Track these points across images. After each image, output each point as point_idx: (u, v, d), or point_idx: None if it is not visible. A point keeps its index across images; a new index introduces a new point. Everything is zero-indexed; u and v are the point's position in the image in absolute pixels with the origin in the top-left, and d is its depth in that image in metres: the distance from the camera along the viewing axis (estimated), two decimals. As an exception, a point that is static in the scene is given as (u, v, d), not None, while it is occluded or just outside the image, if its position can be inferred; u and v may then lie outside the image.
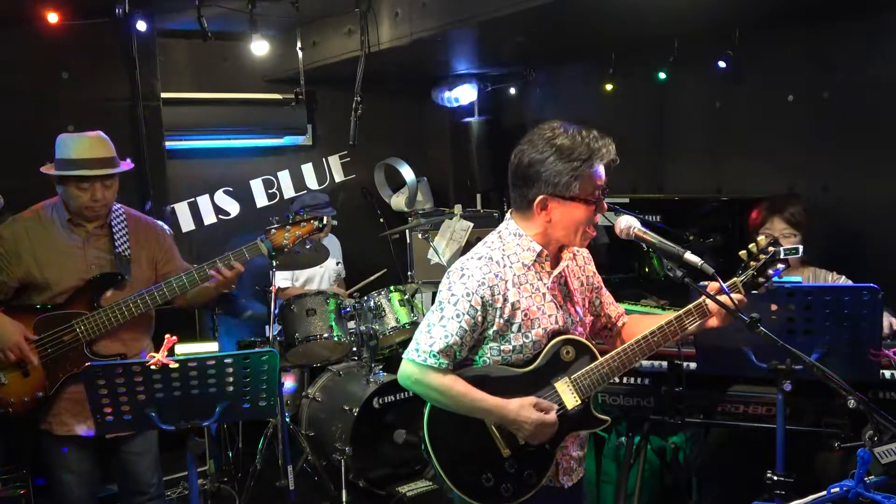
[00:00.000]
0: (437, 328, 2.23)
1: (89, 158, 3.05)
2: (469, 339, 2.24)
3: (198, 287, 3.22)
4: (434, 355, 2.22)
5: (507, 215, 2.36)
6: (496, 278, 2.22)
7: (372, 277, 5.48)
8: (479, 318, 2.22)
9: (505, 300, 2.22)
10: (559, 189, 2.18)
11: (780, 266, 2.23)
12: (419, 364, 2.25)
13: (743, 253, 2.26)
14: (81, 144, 3.08)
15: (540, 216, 2.24)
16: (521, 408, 2.21)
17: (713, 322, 2.29)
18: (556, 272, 2.30)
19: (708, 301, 2.23)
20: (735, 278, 2.24)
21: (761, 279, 2.23)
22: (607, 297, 2.56)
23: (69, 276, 3.10)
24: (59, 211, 3.16)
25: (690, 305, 2.28)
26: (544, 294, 2.28)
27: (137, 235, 3.26)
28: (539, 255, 2.27)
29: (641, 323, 2.47)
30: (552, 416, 2.23)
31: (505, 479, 2.28)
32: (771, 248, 2.22)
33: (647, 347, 2.29)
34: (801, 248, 2.88)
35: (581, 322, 2.37)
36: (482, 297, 2.20)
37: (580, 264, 2.45)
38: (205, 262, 3.21)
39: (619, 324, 2.55)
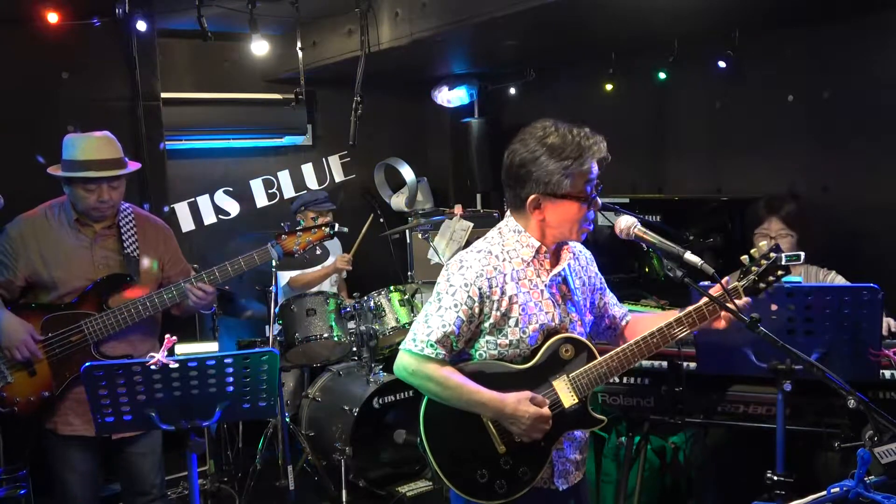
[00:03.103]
0: (435, 318, 2.23)
1: (96, 160, 3.02)
2: (466, 329, 2.24)
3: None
4: (431, 345, 2.22)
5: (507, 213, 2.36)
6: (494, 271, 2.23)
7: (364, 229, 5.20)
8: (477, 310, 2.22)
9: (502, 293, 2.22)
10: (550, 188, 2.19)
11: (782, 273, 2.23)
12: (416, 354, 2.24)
13: (745, 257, 2.27)
14: (88, 145, 3.04)
15: (534, 215, 2.25)
16: (519, 402, 2.21)
17: (719, 324, 2.28)
18: (555, 271, 2.30)
19: (708, 304, 2.24)
20: (736, 282, 2.24)
21: (762, 284, 2.23)
22: (611, 297, 2.56)
23: (76, 276, 3.08)
24: (67, 211, 3.13)
25: (690, 308, 2.28)
26: (542, 291, 2.28)
27: (146, 236, 3.23)
28: (538, 251, 2.28)
29: (643, 322, 2.47)
30: (546, 410, 2.23)
31: (499, 475, 2.27)
32: (772, 255, 2.22)
33: (646, 348, 2.28)
34: (802, 255, 2.89)
35: (581, 321, 2.37)
36: (480, 289, 2.21)
37: (582, 264, 2.45)
38: (215, 265, 3.18)
39: (623, 323, 2.56)
